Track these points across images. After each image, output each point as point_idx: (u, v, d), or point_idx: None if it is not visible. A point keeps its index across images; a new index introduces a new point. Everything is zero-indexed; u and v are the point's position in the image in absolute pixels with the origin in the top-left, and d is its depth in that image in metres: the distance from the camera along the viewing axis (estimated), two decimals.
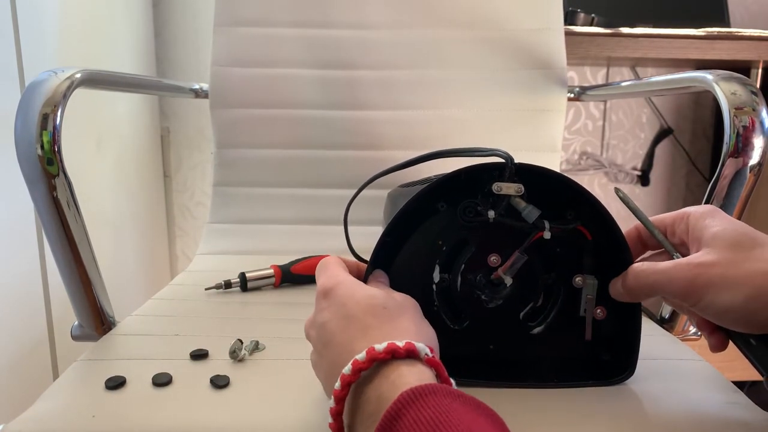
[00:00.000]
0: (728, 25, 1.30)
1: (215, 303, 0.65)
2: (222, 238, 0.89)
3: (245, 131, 0.92)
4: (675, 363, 0.49)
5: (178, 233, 1.48)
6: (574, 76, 1.53)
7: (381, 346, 0.33)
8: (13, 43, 0.82)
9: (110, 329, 0.57)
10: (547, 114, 0.93)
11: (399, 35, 0.93)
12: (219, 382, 0.45)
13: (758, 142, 0.51)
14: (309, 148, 0.92)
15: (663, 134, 1.58)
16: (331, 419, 0.34)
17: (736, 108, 0.51)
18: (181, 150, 1.44)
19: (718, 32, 1.13)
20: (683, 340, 0.56)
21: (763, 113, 0.51)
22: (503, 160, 0.41)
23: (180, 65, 1.40)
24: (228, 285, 0.68)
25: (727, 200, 0.53)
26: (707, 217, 0.39)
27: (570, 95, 0.93)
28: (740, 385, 0.47)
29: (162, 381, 0.45)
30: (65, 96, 0.52)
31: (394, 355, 0.32)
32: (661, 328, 0.59)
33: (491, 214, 0.43)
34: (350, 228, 0.56)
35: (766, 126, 0.51)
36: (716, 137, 1.59)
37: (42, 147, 0.50)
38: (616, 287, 0.42)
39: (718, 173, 0.52)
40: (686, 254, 0.40)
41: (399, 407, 0.29)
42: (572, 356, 0.46)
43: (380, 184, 0.53)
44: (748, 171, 0.52)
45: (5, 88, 0.81)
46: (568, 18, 1.15)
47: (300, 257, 0.73)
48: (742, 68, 1.28)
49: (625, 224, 0.43)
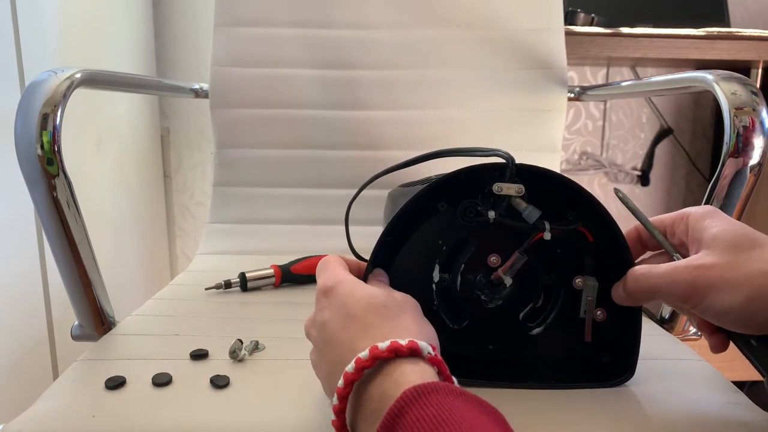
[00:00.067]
0: (728, 25, 1.30)
1: (215, 303, 0.65)
2: (222, 238, 0.89)
3: (245, 131, 0.92)
4: (675, 363, 0.49)
5: (178, 233, 1.48)
6: (574, 76, 1.53)
7: (384, 345, 0.33)
8: (13, 43, 0.82)
9: (110, 329, 0.57)
10: (548, 114, 0.93)
11: (399, 35, 0.93)
12: (219, 382, 0.45)
13: (758, 142, 0.51)
14: (309, 148, 0.93)
15: (663, 134, 1.58)
16: (334, 417, 0.34)
17: (737, 108, 0.51)
18: (181, 150, 1.44)
19: (718, 32, 1.13)
20: (683, 340, 0.56)
21: (764, 113, 0.51)
22: (504, 161, 0.41)
23: (180, 65, 1.40)
24: (228, 285, 0.68)
25: (727, 200, 0.53)
26: (707, 218, 0.39)
27: (570, 95, 0.93)
28: (740, 385, 0.47)
29: (162, 381, 0.45)
30: (65, 96, 0.52)
31: (397, 354, 0.32)
32: (662, 328, 0.59)
33: (491, 215, 0.43)
34: (350, 228, 0.56)
35: (767, 126, 0.51)
36: (716, 137, 1.58)
37: (42, 147, 0.50)
38: (618, 292, 0.42)
39: (718, 173, 0.52)
40: (686, 255, 0.40)
41: (402, 405, 0.29)
42: (572, 357, 0.46)
43: (380, 184, 0.53)
44: (749, 171, 0.51)
45: (5, 88, 0.81)
46: (568, 18, 1.15)
47: (300, 257, 0.73)
48: (742, 68, 1.28)
49: (625, 225, 0.43)
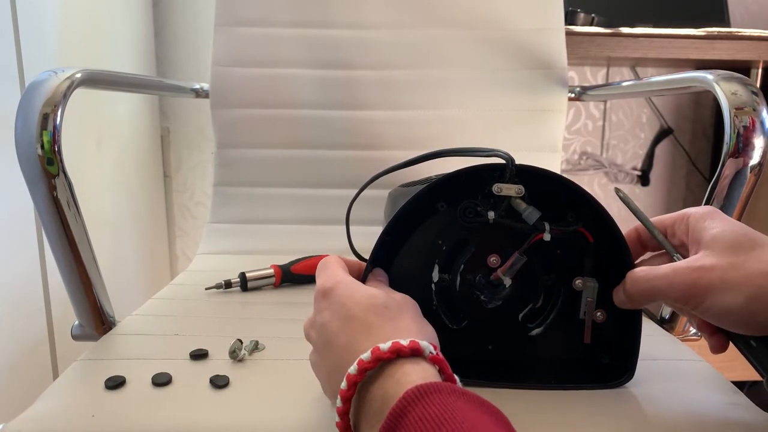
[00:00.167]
0: (728, 25, 1.30)
1: (215, 303, 0.65)
2: (222, 238, 0.89)
3: (245, 131, 0.92)
4: (675, 364, 0.49)
5: (178, 233, 1.48)
6: (574, 76, 1.53)
7: (386, 346, 0.33)
8: (13, 43, 0.82)
9: (110, 329, 0.57)
10: (548, 114, 0.93)
11: (399, 35, 0.93)
12: (219, 382, 0.45)
13: (759, 142, 0.51)
14: (309, 148, 0.93)
15: (663, 134, 1.58)
16: (338, 419, 0.34)
17: (737, 108, 0.51)
18: (181, 150, 1.44)
19: (718, 32, 1.13)
20: (683, 341, 0.56)
21: (764, 113, 0.51)
22: (504, 161, 0.41)
23: (180, 65, 1.40)
24: (228, 285, 0.69)
25: (728, 200, 0.53)
26: (707, 219, 0.39)
27: (570, 95, 0.93)
28: (740, 386, 0.47)
29: (162, 381, 0.45)
30: (65, 96, 0.52)
31: (399, 354, 0.33)
32: (662, 329, 0.59)
33: (491, 215, 0.43)
34: (351, 227, 0.56)
35: (767, 126, 0.51)
36: (716, 137, 1.58)
37: (42, 147, 0.50)
38: (618, 296, 0.42)
39: (719, 173, 0.52)
40: (686, 255, 0.40)
41: (404, 405, 0.29)
42: (571, 358, 0.46)
43: (381, 184, 0.54)
44: (749, 171, 0.51)
45: (5, 88, 0.81)
46: (568, 18, 1.15)
47: (300, 257, 0.73)
48: (742, 68, 1.28)
49: (625, 225, 0.43)
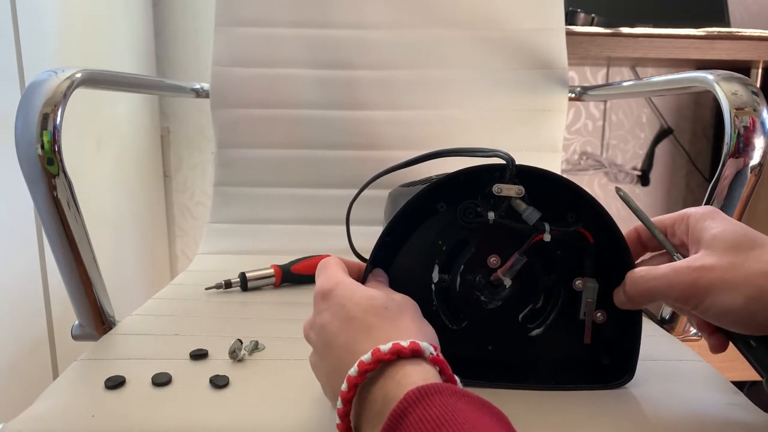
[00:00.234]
0: (728, 25, 1.30)
1: (215, 303, 0.65)
2: (222, 238, 0.89)
3: (246, 131, 0.92)
4: (675, 364, 0.49)
5: (178, 233, 1.48)
6: (575, 76, 1.53)
7: (386, 347, 0.33)
8: (13, 43, 0.82)
9: (110, 329, 0.57)
10: (548, 114, 0.93)
11: (399, 35, 0.93)
12: (218, 382, 0.45)
13: (759, 143, 0.51)
14: (309, 148, 0.93)
15: (663, 134, 1.58)
16: (339, 420, 0.34)
17: (737, 108, 0.51)
18: (181, 150, 1.44)
19: (718, 32, 1.13)
20: (683, 341, 0.56)
21: (764, 113, 0.51)
22: (504, 161, 0.41)
23: (180, 65, 1.40)
24: (228, 285, 0.68)
25: (728, 201, 0.53)
26: (707, 219, 0.39)
27: (571, 95, 0.93)
28: (740, 386, 0.47)
29: (161, 381, 0.45)
30: (65, 96, 0.52)
31: (399, 355, 0.32)
32: (662, 329, 0.59)
33: (491, 216, 0.43)
34: (351, 227, 0.56)
35: (767, 126, 0.51)
36: (716, 137, 1.58)
37: (42, 147, 0.50)
38: (618, 296, 0.42)
39: (719, 173, 0.52)
40: (686, 255, 0.40)
41: (405, 406, 0.29)
42: (571, 358, 0.46)
43: (381, 184, 0.53)
44: (749, 171, 0.51)
45: (5, 88, 0.81)
46: (568, 18, 1.15)
47: (300, 257, 0.73)
48: (742, 68, 1.28)
49: (625, 225, 0.43)
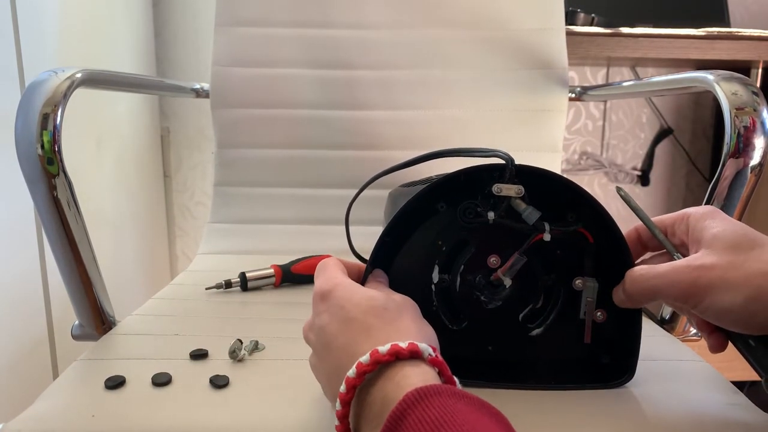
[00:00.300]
0: (728, 25, 1.30)
1: (215, 303, 0.65)
2: (222, 238, 0.89)
3: (246, 131, 0.92)
4: (675, 364, 0.49)
5: (178, 233, 1.48)
6: (575, 76, 1.53)
7: (384, 348, 0.33)
8: (13, 43, 0.82)
9: (110, 329, 0.57)
10: (548, 114, 0.93)
11: (399, 35, 0.93)
12: (218, 382, 0.45)
13: (759, 143, 0.51)
14: (309, 148, 0.93)
15: (663, 134, 1.58)
16: (338, 422, 0.34)
17: (737, 108, 0.51)
18: (181, 150, 1.44)
19: (718, 32, 1.13)
20: (683, 341, 0.56)
21: (764, 113, 0.51)
22: (503, 161, 0.41)
23: (180, 65, 1.40)
24: (228, 285, 0.68)
25: (728, 201, 0.52)
26: (707, 218, 0.39)
27: (571, 95, 0.93)
28: (740, 386, 0.47)
29: (161, 381, 0.45)
30: (65, 96, 0.52)
31: (398, 357, 0.32)
32: (662, 329, 0.59)
33: (491, 216, 0.43)
34: (351, 228, 0.56)
35: (767, 126, 0.51)
36: (716, 137, 1.58)
37: (42, 147, 0.50)
38: (618, 295, 0.42)
39: (719, 174, 0.52)
40: (686, 255, 0.40)
41: (404, 408, 0.29)
42: (571, 358, 0.46)
43: (381, 184, 0.53)
44: (749, 171, 0.51)
45: (5, 88, 0.81)
46: (568, 18, 1.15)
47: (300, 257, 0.73)
48: (742, 68, 1.28)
49: (625, 225, 0.43)
